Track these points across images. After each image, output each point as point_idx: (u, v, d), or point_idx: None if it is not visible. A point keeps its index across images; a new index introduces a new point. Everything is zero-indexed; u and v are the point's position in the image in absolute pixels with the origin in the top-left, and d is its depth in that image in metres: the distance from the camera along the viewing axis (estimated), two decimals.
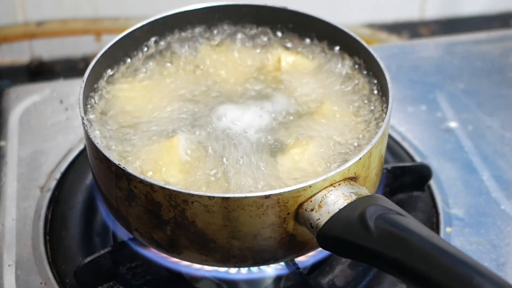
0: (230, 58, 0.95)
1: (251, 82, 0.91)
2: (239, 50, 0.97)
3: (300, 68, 0.94)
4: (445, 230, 0.96)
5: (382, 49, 1.28)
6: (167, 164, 0.80)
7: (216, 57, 0.95)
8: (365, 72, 0.92)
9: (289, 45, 0.97)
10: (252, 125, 0.85)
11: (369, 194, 0.75)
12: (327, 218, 0.73)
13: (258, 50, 0.96)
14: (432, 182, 1.01)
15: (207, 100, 0.89)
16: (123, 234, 0.91)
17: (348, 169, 0.76)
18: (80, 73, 0.91)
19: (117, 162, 0.76)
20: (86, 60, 1.41)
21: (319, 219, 0.73)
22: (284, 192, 0.73)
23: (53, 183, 1.01)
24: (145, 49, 0.95)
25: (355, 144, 0.83)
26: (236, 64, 0.94)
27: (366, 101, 0.89)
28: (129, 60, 0.94)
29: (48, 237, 0.95)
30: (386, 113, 0.84)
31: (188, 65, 0.94)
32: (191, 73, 0.93)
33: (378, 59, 0.89)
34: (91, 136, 0.79)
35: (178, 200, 0.74)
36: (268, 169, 0.80)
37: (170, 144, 0.82)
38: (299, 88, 0.90)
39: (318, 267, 0.91)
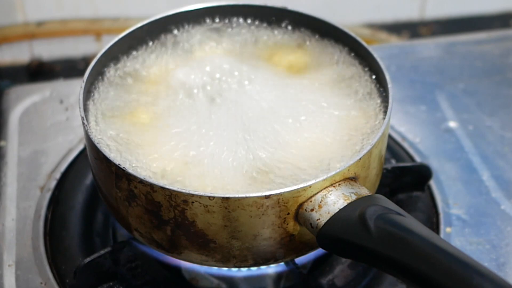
0: (230, 57, 0.95)
1: (250, 81, 0.91)
2: (239, 49, 0.97)
3: (300, 68, 0.94)
4: (445, 230, 0.96)
5: (382, 49, 1.28)
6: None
7: (215, 57, 0.95)
8: (365, 72, 0.92)
9: (289, 45, 0.97)
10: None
11: (369, 194, 0.75)
12: (327, 218, 0.73)
13: (258, 50, 0.96)
14: (432, 182, 1.01)
15: (207, 100, 0.89)
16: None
17: (348, 169, 0.76)
18: (80, 73, 0.91)
19: (117, 162, 0.76)
20: (86, 60, 1.41)
21: (319, 219, 0.73)
22: (284, 192, 0.73)
23: (53, 183, 1.01)
24: (145, 49, 0.95)
25: (355, 144, 0.83)
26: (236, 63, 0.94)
27: (366, 101, 0.89)
28: (129, 60, 0.94)
29: (48, 237, 0.95)
30: (386, 113, 0.84)
31: (189, 65, 0.94)
32: (192, 73, 0.93)
33: (378, 59, 0.89)
34: (91, 136, 0.79)
35: (178, 200, 0.74)
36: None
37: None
38: (299, 88, 0.90)
39: (318, 267, 0.92)
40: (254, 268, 0.89)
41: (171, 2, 1.19)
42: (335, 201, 0.74)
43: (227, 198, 0.73)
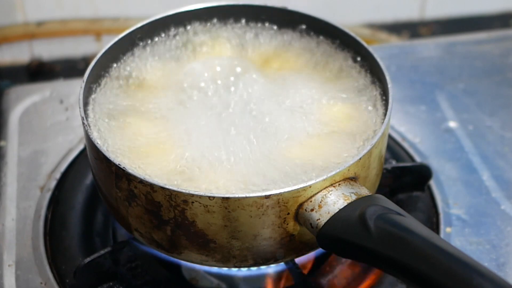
0: (230, 57, 0.95)
1: (250, 80, 0.91)
2: (239, 49, 0.97)
3: (299, 68, 0.94)
4: (445, 230, 0.96)
5: (382, 49, 1.28)
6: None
7: (216, 57, 0.95)
8: (365, 72, 0.92)
9: (288, 44, 0.97)
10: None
11: (369, 194, 0.75)
12: (327, 218, 0.73)
13: (258, 50, 0.96)
14: (432, 182, 1.01)
15: (208, 99, 0.89)
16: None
17: (348, 169, 0.76)
18: (80, 73, 0.91)
19: (117, 162, 0.76)
20: (86, 60, 1.41)
21: (319, 219, 0.73)
22: (284, 192, 0.73)
23: (53, 183, 1.01)
24: (145, 49, 0.95)
25: (355, 144, 0.83)
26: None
27: (366, 101, 0.88)
28: (129, 60, 0.94)
29: (48, 237, 0.95)
30: (386, 113, 0.84)
31: (189, 64, 0.94)
32: (192, 73, 0.93)
33: (378, 59, 0.89)
34: (91, 136, 0.79)
35: (178, 200, 0.74)
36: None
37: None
38: (299, 87, 0.90)
39: (318, 267, 0.92)
40: (254, 268, 0.89)
41: (171, 2, 1.19)
42: (335, 201, 0.74)
43: (227, 198, 0.73)
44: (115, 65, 0.93)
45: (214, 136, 0.83)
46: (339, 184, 0.75)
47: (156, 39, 0.96)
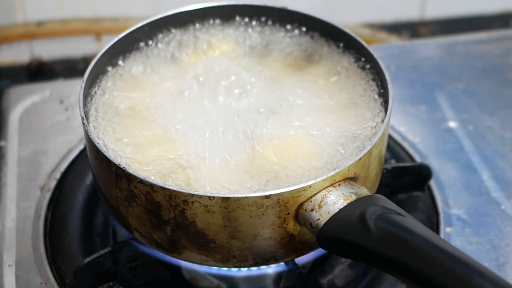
0: (230, 57, 0.95)
1: (249, 80, 0.91)
2: (239, 49, 0.97)
3: (299, 68, 0.94)
4: (445, 230, 0.96)
5: (382, 49, 1.28)
6: None
7: (216, 58, 0.95)
8: (365, 72, 0.92)
9: (288, 44, 0.97)
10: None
11: (369, 194, 0.75)
12: (327, 218, 0.73)
13: (257, 50, 0.96)
14: (432, 182, 1.01)
15: (206, 99, 0.89)
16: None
17: (348, 169, 0.76)
18: (80, 73, 0.91)
19: (117, 162, 0.76)
20: (86, 60, 1.42)
21: (319, 219, 0.73)
22: (284, 192, 0.73)
23: (53, 183, 1.01)
24: (145, 49, 0.95)
25: (355, 144, 0.83)
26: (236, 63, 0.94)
27: (366, 101, 0.88)
28: (129, 60, 0.94)
29: (48, 237, 0.95)
30: (386, 113, 0.84)
31: (188, 65, 0.94)
32: (191, 73, 0.93)
33: (378, 59, 0.89)
34: (91, 136, 0.79)
35: (178, 200, 0.74)
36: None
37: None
38: (297, 87, 0.90)
39: (318, 267, 0.92)
40: (254, 268, 0.89)
41: (171, 2, 1.19)
42: (335, 201, 0.74)
43: (227, 198, 0.73)
44: (115, 65, 0.93)
45: (212, 138, 0.83)
46: (339, 184, 0.75)
47: (156, 39, 0.96)
